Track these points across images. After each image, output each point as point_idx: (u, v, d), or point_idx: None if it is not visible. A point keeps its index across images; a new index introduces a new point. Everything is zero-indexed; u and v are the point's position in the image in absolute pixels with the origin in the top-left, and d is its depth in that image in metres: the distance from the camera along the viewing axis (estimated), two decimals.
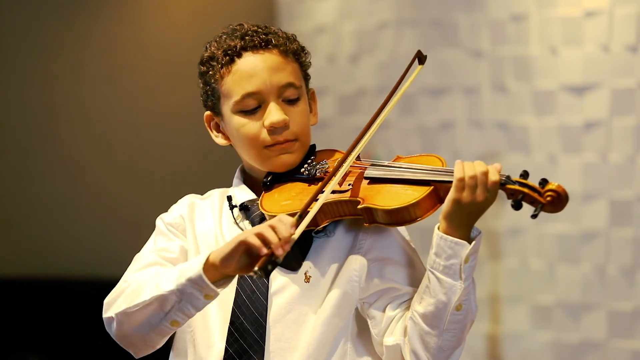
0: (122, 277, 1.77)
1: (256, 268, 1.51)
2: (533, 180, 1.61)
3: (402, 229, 1.79)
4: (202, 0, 4.39)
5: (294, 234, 1.55)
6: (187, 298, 1.61)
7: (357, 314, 1.77)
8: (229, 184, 1.93)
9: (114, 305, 1.69)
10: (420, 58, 1.86)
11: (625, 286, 3.17)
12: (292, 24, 3.95)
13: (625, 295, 3.17)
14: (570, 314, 3.28)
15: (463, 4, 3.51)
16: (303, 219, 1.60)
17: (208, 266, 1.59)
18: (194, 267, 1.60)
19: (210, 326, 1.77)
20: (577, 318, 3.26)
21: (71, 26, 4.34)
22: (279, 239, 1.53)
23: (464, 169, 1.62)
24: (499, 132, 3.44)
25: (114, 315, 1.68)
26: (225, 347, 1.74)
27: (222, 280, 1.61)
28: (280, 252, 1.52)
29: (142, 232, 4.77)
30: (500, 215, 3.37)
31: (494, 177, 1.61)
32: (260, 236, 1.54)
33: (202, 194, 1.93)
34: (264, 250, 1.53)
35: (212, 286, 1.59)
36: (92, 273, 4.35)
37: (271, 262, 1.52)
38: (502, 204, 1.63)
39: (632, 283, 3.16)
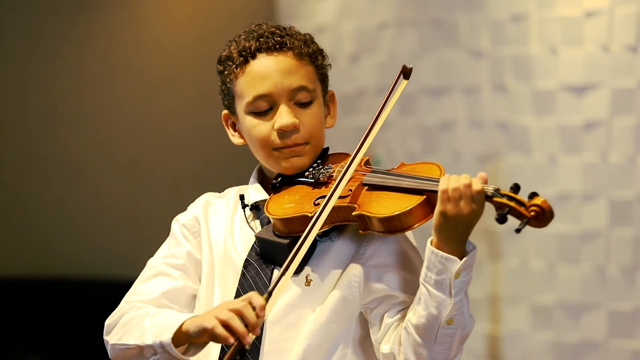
0: (130, 289, 1.82)
1: None
2: (525, 192, 1.58)
3: (409, 236, 1.79)
4: (202, 0, 4.39)
5: (263, 317, 1.55)
6: (163, 356, 1.66)
7: (362, 319, 1.77)
8: (228, 184, 1.93)
9: (111, 332, 1.77)
10: (405, 73, 1.82)
11: (625, 286, 3.17)
12: (292, 24, 3.89)
13: (625, 295, 3.17)
14: (570, 314, 3.28)
15: (463, 4, 3.51)
16: (271, 295, 1.58)
17: (180, 333, 1.63)
18: (167, 330, 1.64)
19: None
20: (577, 318, 3.26)
21: (71, 26, 4.34)
22: (246, 326, 1.54)
23: (448, 181, 1.60)
24: (499, 132, 3.44)
25: (109, 344, 1.77)
26: (222, 345, 1.73)
27: (195, 346, 1.65)
28: (248, 341, 1.53)
29: (142, 232, 4.75)
30: None
31: (477, 186, 1.59)
32: (226, 325, 1.55)
33: (202, 194, 1.93)
34: (231, 341, 1.55)
35: (179, 355, 1.64)
36: (92, 273, 4.35)
37: (239, 352, 1.53)
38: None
39: (632, 283, 3.16)
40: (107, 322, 1.78)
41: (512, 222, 1.59)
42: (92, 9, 4.35)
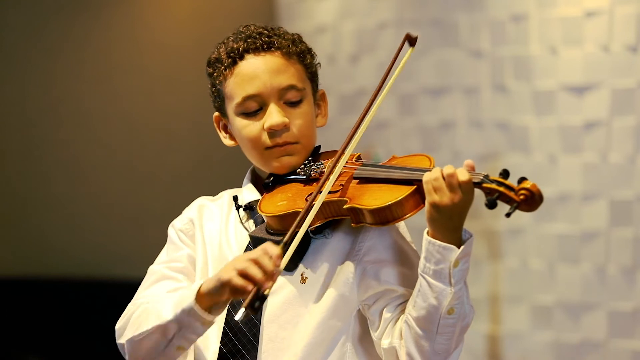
0: (135, 296, 1.81)
1: (242, 309, 1.52)
2: (514, 178, 1.59)
3: (403, 230, 1.79)
4: (202, 0, 4.39)
5: (279, 265, 1.55)
6: (186, 326, 1.65)
7: (361, 316, 1.77)
8: (228, 184, 1.93)
9: (124, 333, 1.74)
10: (410, 40, 1.80)
11: (625, 286, 3.17)
12: (292, 24, 3.94)
13: (625, 295, 3.17)
14: (570, 314, 3.28)
15: (463, 4, 3.51)
16: (289, 247, 1.59)
17: (200, 296, 1.62)
18: (187, 298, 1.63)
19: None
20: (577, 318, 3.26)
21: (71, 26, 4.34)
22: (264, 273, 1.54)
23: (431, 172, 1.61)
24: (499, 132, 3.44)
25: (124, 342, 1.73)
26: (220, 346, 1.75)
27: (217, 305, 1.63)
28: (266, 287, 1.53)
29: (142, 232, 4.74)
30: (500, 215, 3.37)
31: (462, 176, 1.59)
32: (244, 274, 1.55)
33: (201, 194, 1.94)
34: (249, 288, 1.54)
35: (205, 315, 1.62)
36: (92, 273, 4.35)
37: (258, 299, 1.53)
38: (502, 204, 1.61)
39: (632, 283, 3.16)
40: (117, 325, 1.76)
41: (512, 219, 1.59)
42: (92, 9, 4.35)
